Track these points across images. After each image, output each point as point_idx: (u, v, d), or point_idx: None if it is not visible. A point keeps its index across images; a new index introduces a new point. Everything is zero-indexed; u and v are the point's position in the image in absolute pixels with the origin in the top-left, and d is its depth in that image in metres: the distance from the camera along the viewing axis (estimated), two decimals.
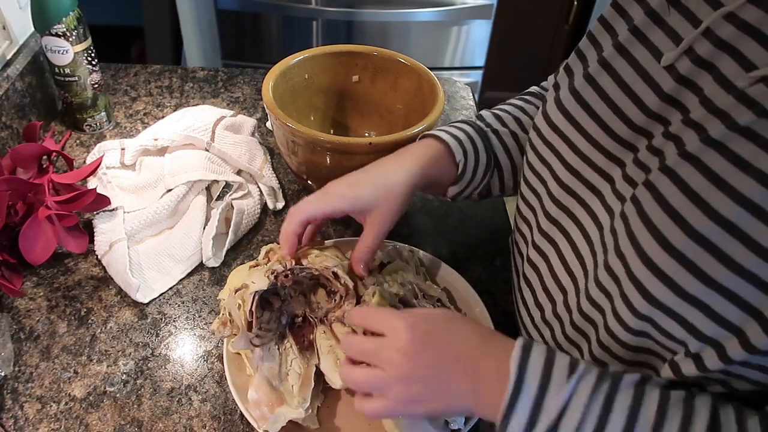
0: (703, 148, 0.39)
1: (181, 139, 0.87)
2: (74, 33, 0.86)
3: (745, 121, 0.38)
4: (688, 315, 0.40)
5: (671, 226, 0.40)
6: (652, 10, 0.47)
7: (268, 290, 0.60)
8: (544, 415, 0.42)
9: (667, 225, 0.40)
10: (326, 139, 0.73)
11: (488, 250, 0.82)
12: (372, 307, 0.53)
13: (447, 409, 0.47)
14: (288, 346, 0.61)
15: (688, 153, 0.40)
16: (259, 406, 0.57)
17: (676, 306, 0.41)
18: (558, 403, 0.42)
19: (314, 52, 0.87)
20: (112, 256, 0.74)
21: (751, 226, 0.37)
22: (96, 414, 0.61)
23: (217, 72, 1.15)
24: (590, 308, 0.49)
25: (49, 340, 0.68)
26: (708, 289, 0.39)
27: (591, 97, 0.50)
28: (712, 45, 0.42)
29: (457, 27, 1.97)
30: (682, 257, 0.39)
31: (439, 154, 0.64)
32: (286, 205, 0.87)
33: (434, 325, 0.47)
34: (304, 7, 1.86)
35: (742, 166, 0.37)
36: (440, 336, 0.47)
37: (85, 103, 0.94)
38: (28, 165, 0.80)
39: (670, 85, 0.44)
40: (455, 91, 1.16)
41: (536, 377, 0.42)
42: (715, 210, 0.38)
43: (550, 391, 0.42)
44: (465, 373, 0.45)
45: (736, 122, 0.38)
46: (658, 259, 0.41)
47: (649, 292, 0.42)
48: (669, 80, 0.44)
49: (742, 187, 0.37)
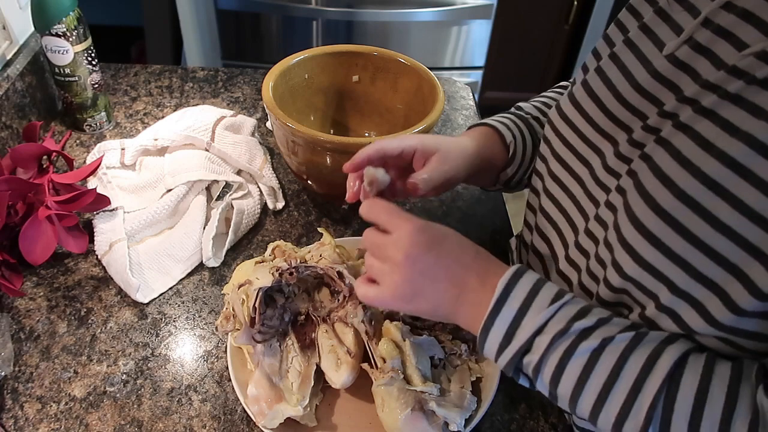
0: (695, 117, 0.42)
1: (181, 139, 0.87)
2: (74, 33, 0.86)
3: (735, 89, 0.40)
4: (672, 274, 0.43)
5: (662, 190, 0.42)
6: (659, 8, 0.50)
7: (272, 287, 0.60)
8: (519, 333, 0.46)
9: (658, 189, 0.43)
10: (326, 139, 0.73)
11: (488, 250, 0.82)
12: (381, 202, 0.54)
13: (432, 312, 0.51)
14: (290, 344, 0.61)
15: (681, 123, 0.43)
16: (258, 401, 0.58)
17: (662, 266, 0.43)
18: (534, 325, 0.45)
19: (314, 52, 0.87)
20: (112, 256, 0.74)
21: (736, 185, 0.39)
22: (96, 414, 0.61)
23: (217, 72, 1.15)
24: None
25: (49, 340, 0.68)
26: (693, 247, 0.41)
27: (598, 87, 0.53)
28: (710, 32, 0.44)
29: (457, 27, 1.97)
30: (670, 218, 0.42)
31: (490, 136, 0.67)
32: (286, 205, 0.87)
33: (435, 234, 0.51)
34: (304, 7, 1.86)
35: (731, 130, 0.39)
36: (438, 245, 0.50)
37: (85, 103, 0.94)
38: (28, 165, 0.80)
39: (667, 68, 0.47)
40: (455, 91, 1.16)
41: (519, 299, 0.46)
42: (704, 172, 0.40)
43: (529, 313, 0.46)
44: (452, 282, 0.49)
45: (727, 91, 0.40)
46: (648, 221, 0.43)
47: (638, 254, 0.44)
48: (666, 65, 0.47)
49: (729, 149, 0.39)
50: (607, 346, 0.43)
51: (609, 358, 0.43)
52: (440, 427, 0.56)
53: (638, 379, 0.42)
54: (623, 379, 0.42)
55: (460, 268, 0.50)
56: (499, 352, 0.47)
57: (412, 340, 0.58)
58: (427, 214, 0.87)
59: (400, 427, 0.55)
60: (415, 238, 0.50)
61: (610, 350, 0.43)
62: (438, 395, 0.56)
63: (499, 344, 0.47)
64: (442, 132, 1.04)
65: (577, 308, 0.46)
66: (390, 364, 0.56)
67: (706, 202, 0.40)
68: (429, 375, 0.58)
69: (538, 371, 0.46)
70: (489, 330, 0.47)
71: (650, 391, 0.41)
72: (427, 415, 0.56)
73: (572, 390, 0.44)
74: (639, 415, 0.42)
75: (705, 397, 0.40)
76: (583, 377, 0.44)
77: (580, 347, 0.44)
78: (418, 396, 0.56)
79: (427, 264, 0.50)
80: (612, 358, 0.43)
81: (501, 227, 0.86)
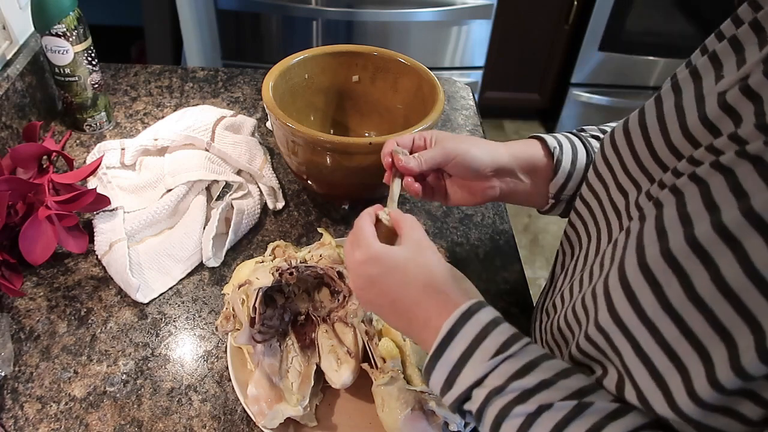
0: (710, 171, 0.38)
1: (181, 139, 0.87)
2: (74, 33, 0.86)
3: (755, 150, 0.35)
4: (639, 335, 0.40)
5: (654, 243, 0.39)
6: (735, 36, 0.44)
7: (273, 287, 0.60)
8: (460, 380, 0.45)
9: (651, 242, 0.40)
10: (326, 139, 0.73)
11: (488, 250, 0.82)
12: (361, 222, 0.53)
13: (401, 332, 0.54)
14: (290, 344, 0.61)
15: (696, 175, 0.39)
16: (258, 401, 0.58)
17: (631, 323, 0.40)
18: (473, 376, 0.44)
19: (314, 52, 0.87)
20: (112, 256, 0.74)
21: (722, 254, 0.35)
22: (96, 414, 0.61)
23: (217, 72, 1.15)
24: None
25: (49, 340, 0.68)
26: (663, 313, 0.38)
27: (650, 117, 0.48)
28: (762, 74, 0.38)
29: (457, 27, 1.97)
30: (650, 276, 0.39)
31: (531, 143, 0.64)
32: (286, 205, 0.87)
33: (381, 270, 0.50)
34: (304, 7, 1.86)
35: (738, 193, 0.35)
36: (382, 281, 0.50)
37: (85, 103, 0.94)
38: (28, 165, 0.80)
39: (714, 110, 0.41)
40: (455, 91, 1.16)
41: (463, 344, 0.45)
42: (694, 234, 0.37)
43: (470, 362, 0.44)
44: (399, 316, 0.50)
45: (746, 150, 0.36)
46: (630, 273, 0.40)
47: (613, 304, 0.41)
48: (715, 107, 0.41)
49: (726, 214, 0.35)
50: (544, 413, 0.41)
51: (544, 425, 0.40)
52: (440, 427, 0.56)
53: None
54: None
55: (404, 303, 0.49)
56: (442, 394, 0.47)
57: (412, 340, 0.58)
58: (428, 215, 0.87)
59: (400, 427, 0.55)
60: (361, 270, 0.50)
61: (547, 417, 0.41)
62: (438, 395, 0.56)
63: (440, 387, 0.46)
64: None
65: (520, 364, 0.43)
66: (390, 364, 0.56)
67: (688, 266, 0.36)
68: None
69: (479, 420, 0.45)
70: (431, 372, 0.46)
71: None
72: (427, 415, 0.56)
73: None
74: None
75: None
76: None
77: (515, 410, 0.42)
78: (418, 396, 0.56)
79: (371, 298, 0.51)
80: (546, 427, 0.40)
81: (501, 227, 0.86)
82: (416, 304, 0.48)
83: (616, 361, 0.43)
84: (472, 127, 1.06)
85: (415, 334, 0.49)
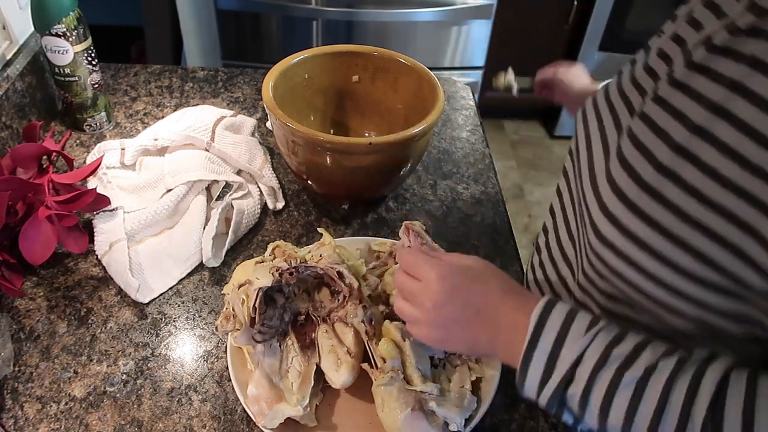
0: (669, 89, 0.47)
1: (181, 139, 0.87)
2: (74, 33, 0.86)
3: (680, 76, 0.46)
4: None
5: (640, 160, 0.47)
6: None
7: (273, 287, 0.60)
8: (559, 364, 0.45)
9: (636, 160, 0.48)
10: (326, 139, 0.73)
11: (488, 250, 0.82)
12: (411, 252, 0.55)
13: (469, 352, 0.54)
14: (290, 344, 0.61)
15: (658, 96, 0.48)
16: (258, 401, 0.58)
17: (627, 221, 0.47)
18: (573, 354, 0.44)
19: (314, 52, 0.87)
20: (112, 256, 0.74)
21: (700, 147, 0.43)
22: (96, 414, 0.61)
23: (217, 72, 1.15)
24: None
25: (49, 340, 0.68)
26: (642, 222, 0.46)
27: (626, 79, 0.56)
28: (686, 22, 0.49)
29: (457, 27, 1.97)
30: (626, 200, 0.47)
31: None
32: (286, 205, 0.87)
33: (462, 279, 0.51)
34: (304, 7, 1.86)
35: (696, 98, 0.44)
36: (466, 290, 0.50)
37: (85, 103, 0.94)
38: (28, 165, 0.80)
39: (653, 57, 0.52)
40: (455, 91, 1.16)
41: (554, 330, 0.46)
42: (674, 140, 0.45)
43: (566, 343, 0.45)
44: (485, 325, 0.50)
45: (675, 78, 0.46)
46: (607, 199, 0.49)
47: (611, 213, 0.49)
48: (653, 56, 0.52)
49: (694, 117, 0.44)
50: (651, 375, 0.43)
51: (654, 388, 0.42)
52: (440, 427, 0.56)
53: (684, 409, 0.41)
54: (670, 411, 0.42)
55: (490, 310, 0.50)
56: (541, 387, 0.46)
57: (412, 340, 0.58)
58: (428, 215, 0.87)
59: (400, 427, 0.55)
60: (439, 287, 0.50)
61: (655, 379, 0.42)
62: (438, 395, 0.56)
63: (540, 378, 0.46)
64: (442, 132, 1.04)
65: (612, 334, 0.45)
66: (390, 364, 0.56)
67: (676, 168, 0.44)
68: (429, 375, 0.58)
69: (585, 403, 0.45)
70: (528, 365, 0.46)
71: (698, 421, 0.41)
72: (427, 415, 0.56)
73: (622, 422, 0.43)
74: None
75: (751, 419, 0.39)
76: (631, 409, 0.43)
77: (625, 377, 0.43)
78: (418, 396, 0.56)
79: (455, 311, 0.50)
80: (657, 388, 0.42)
81: (501, 227, 0.86)
82: (501, 308, 0.50)
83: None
84: (472, 127, 1.06)
85: (503, 339, 0.49)
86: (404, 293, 0.54)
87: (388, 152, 0.75)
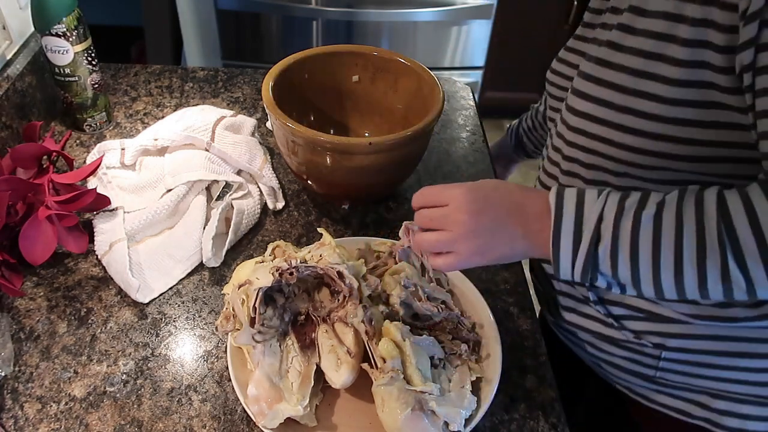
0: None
1: (181, 139, 0.87)
2: (74, 33, 0.86)
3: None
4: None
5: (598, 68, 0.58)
6: None
7: (272, 287, 0.60)
8: (585, 228, 0.50)
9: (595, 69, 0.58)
10: (326, 139, 0.73)
11: None
12: (426, 188, 0.58)
13: (506, 254, 0.55)
14: (290, 344, 0.61)
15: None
16: (258, 401, 0.58)
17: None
18: (594, 215, 0.50)
19: (314, 52, 0.87)
20: (112, 256, 0.74)
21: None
22: (96, 414, 0.61)
23: (217, 72, 1.15)
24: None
25: (49, 340, 0.68)
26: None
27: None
28: None
29: (457, 27, 1.97)
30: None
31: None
32: (286, 205, 0.87)
33: (486, 188, 0.56)
34: (304, 7, 1.86)
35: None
36: (493, 195, 0.55)
37: (85, 103, 0.94)
38: (28, 165, 0.80)
39: None
40: (455, 91, 1.16)
41: (572, 202, 0.52)
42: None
43: (585, 209, 0.51)
44: (517, 220, 0.54)
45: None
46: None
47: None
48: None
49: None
50: (663, 207, 0.48)
51: (669, 214, 0.48)
52: (440, 427, 0.56)
53: (698, 221, 0.47)
54: (687, 227, 0.47)
55: (518, 206, 0.55)
56: (575, 254, 0.51)
57: (412, 340, 0.58)
58: None
59: (400, 427, 0.55)
60: (471, 197, 0.54)
61: (667, 208, 0.48)
62: (438, 395, 0.56)
63: (572, 246, 0.51)
64: (442, 132, 1.04)
65: (619, 193, 0.51)
66: (390, 364, 0.56)
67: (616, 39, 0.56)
68: (429, 375, 0.58)
69: (615, 254, 0.49)
70: (559, 237, 0.51)
71: (712, 225, 0.46)
72: (427, 415, 0.56)
73: (651, 258, 0.48)
74: (714, 249, 0.46)
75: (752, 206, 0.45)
76: (656, 241, 0.48)
77: (643, 216, 0.48)
78: (418, 396, 0.56)
79: (490, 214, 0.54)
80: (671, 214, 0.48)
81: None
82: (525, 201, 0.55)
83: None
84: (472, 127, 1.06)
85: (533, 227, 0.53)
86: (432, 222, 0.56)
87: (388, 152, 0.75)
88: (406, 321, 0.63)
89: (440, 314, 0.64)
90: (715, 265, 0.46)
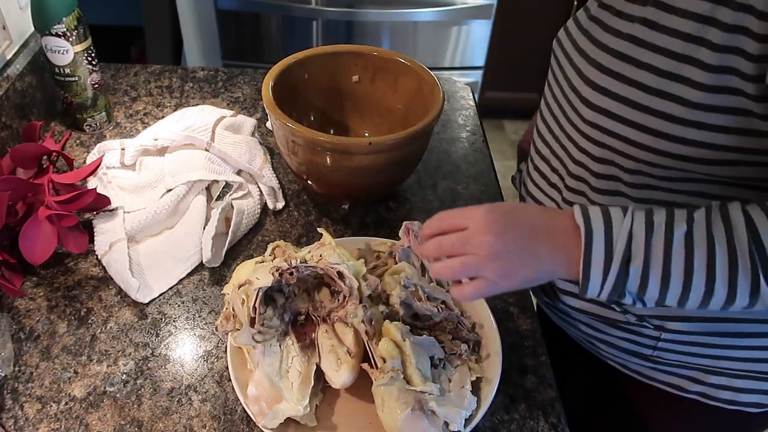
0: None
1: (181, 139, 0.87)
2: (74, 33, 0.86)
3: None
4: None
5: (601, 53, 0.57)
6: None
7: (272, 287, 0.60)
8: (616, 246, 0.49)
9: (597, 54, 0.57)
10: (326, 139, 0.73)
11: None
12: (438, 214, 0.57)
13: (530, 277, 0.53)
14: (289, 344, 0.61)
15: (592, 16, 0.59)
16: (258, 401, 0.58)
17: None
18: (624, 232, 0.49)
19: (314, 52, 0.87)
20: (112, 256, 0.74)
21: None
22: (96, 414, 0.61)
23: (217, 72, 1.15)
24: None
25: (49, 340, 0.68)
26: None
27: None
28: None
29: (457, 27, 1.97)
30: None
31: None
32: (286, 205, 0.87)
33: (506, 208, 0.54)
34: (304, 7, 1.86)
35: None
36: (515, 215, 0.53)
37: (85, 103, 0.94)
38: (28, 165, 0.80)
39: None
40: (455, 91, 1.16)
41: (599, 221, 0.50)
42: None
43: (613, 228, 0.50)
44: (544, 240, 0.52)
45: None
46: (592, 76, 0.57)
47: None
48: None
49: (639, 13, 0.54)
50: (693, 225, 0.48)
51: (700, 234, 0.48)
52: (440, 427, 0.56)
53: (729, 239, 0.47)
54: (719, 246, 0.47)
55: (541, 224, 0.53)
56: (605, 274, 0.49)
57: (412, 340, 0.58)
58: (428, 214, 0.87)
59: (400, 427, 0.55)
60: (492, 217, 0.52)
61: (697, 227, 0.48)
62: (438, 395, 0.56)
63: (603, 265, 0.49)
64: (442, 132, 1.04)
65: (643, 210, 0.50)
66: (390, 364, 0.56)
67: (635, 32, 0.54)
68: (429, 375, 0.58)
69: (647, 276, 0.48)
70: (590, 256, 0.49)
71: (744, 246, 0.46)
72: (427, 415, 0.56)
73: (683, 278, 0.48)
74: (746, 269, 0.46)
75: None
76: (689, 261, 0.47)
77: (675, 234, 0.48)
78: (418, 396, 0.56)
79: (514, 234, 0.52)
80: (702, 234, 0.47)
81: None
82: (550, 221, 0.53)
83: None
84: (472, 127, 1.06)
85: (559, 242, 0.52)
86: (453, 247, 0.54)
87: (388, 152, 0.75)
88: (406, 321, 0.63)
89: (440, 314, 0.64)
90: (746, 284, 0.46)
